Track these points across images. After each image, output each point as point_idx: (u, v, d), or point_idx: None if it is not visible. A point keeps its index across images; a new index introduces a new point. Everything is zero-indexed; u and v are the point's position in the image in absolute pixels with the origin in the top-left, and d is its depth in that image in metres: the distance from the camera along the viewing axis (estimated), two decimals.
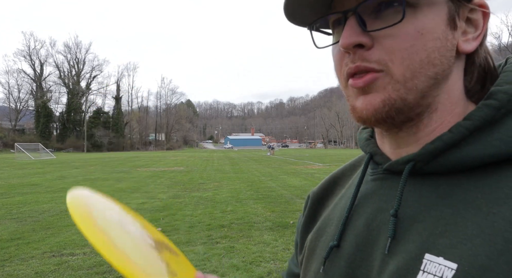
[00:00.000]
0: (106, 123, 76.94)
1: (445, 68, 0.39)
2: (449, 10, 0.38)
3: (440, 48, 0.38)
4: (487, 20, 0.40)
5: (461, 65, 0.41)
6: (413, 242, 0.37)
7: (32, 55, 72.01)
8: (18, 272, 3.96)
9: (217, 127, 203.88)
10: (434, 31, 0.38)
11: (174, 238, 5.21)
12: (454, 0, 0.39)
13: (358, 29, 0.38)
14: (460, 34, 0.39)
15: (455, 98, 0.41)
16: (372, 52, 0.39)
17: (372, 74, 0.39)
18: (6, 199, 8.96)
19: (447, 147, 0.38)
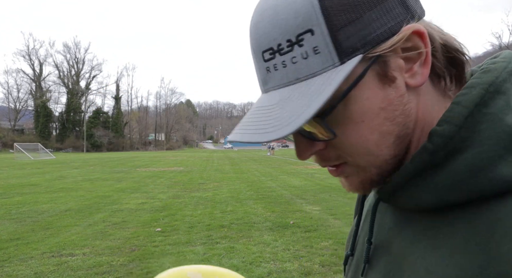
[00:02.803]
0: (106, 123, 76.88)
1: (406, 120, 0.36)
2: (376, 72, 0.35)
3: (388, 113, 0.35)
4: (426, 38, 0.35)
5: (425, 90, 0.38)
6: (379, 272, 0.39)
7: (31, 55, 71.99)
8: (17, 272, 3.94)
9: (217, 127, 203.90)
10: (372, 108, 0.35)
11: (174, 238, 5.20)
12: (378, 61, 0.34)
13: (307, 142, 0.38)
14: (403, 75, 0.35)
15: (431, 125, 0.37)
16: (328, 151, 0.39)
17: (340, 167, 0.40)
18: (5, 200, 8.94)
19: (396, 187, 0.38)
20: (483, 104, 0.33)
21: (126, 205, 7.98)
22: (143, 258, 4.36)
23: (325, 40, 0.33)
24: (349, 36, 0.33)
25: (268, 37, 0.36)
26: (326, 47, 0.33)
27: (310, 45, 0.34)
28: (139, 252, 4.57)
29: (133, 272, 3.90)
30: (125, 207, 7.79)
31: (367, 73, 0.34)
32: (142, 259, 4.32)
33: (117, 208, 7.68)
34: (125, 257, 4.40)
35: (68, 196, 9.39)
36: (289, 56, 0.35)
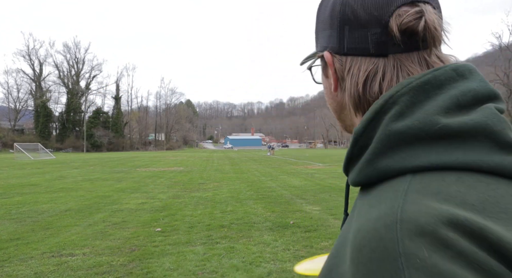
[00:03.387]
0: (106, 123, 76.87)
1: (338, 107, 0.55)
2: (322, 67, 0.56)
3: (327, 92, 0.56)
4: (332, 66, 0.51)
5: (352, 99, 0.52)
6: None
7: (31, 55, 71.99)
8: (17, 272, 3.94)
9: (217, 127, 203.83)
10: (323, 83, 0.57)
11: (174, 238, 5.20)
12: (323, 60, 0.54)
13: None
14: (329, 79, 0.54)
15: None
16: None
17: None
18: (5, 200, 8.94)
19: (344, 168, 0.50)
20: (383, 112, 0.42)
21: (126, 205, 7.98)
22: (143, 258, 4.36)
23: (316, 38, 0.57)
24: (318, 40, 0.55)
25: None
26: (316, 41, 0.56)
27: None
28: (139, 252, 4.57)
29: (133, 272, 3.90)
30: (125, 207, 7.79)
31: (317, 64, 0.56)
32: (142, 259, 4.33)
33: (117, 208, 7.68)
34: (125, 257, 4.40)
35: (68, 196, 9.39)
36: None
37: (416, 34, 0.44)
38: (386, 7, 0.45)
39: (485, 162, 0.38)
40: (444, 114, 0.40)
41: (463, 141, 0.39)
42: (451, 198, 0.35)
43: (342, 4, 0.48)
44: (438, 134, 0.39)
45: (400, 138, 0.41)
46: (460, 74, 0.43)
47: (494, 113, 0.40)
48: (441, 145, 0.39)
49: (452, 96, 0.41)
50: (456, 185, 0.36)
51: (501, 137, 0.38)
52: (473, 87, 0.42)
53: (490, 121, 0.39)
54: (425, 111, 0.40)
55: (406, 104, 0.41)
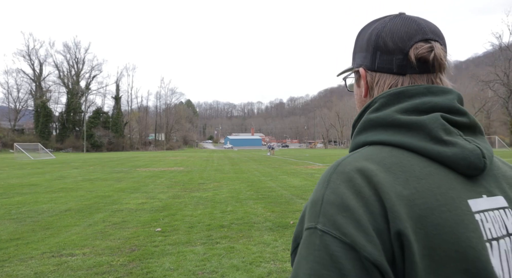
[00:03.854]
0: (106, 123, 76.86)
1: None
2: (356, 78, 0.75)
3: (358, 98, 0.74)
4: (364, 78, 0.69)
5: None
6: None
7: (31, 55, 72.00)
8: (17, 272, 3.94)
9: (217, 127, 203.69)
10: (355, 90, 0.75)
11: (174, 238, 5.20)
12: (357, 73, 0.73)
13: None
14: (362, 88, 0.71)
15: None
16: None
17: None
18: (5, 199, 8.94)
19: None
20: (368, 107, 0.65)
21: (126, 205, 7.98)
22: (143, 258, 4.36)
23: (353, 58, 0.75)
24: (355, 58, 0.73)
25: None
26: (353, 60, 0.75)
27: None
28: (139, 252, 4.57)
29: (133, 272, 3.90)
30: (125, 207, 7.79)
31: (352, 76, 0.76)
32: (142, 259, 4.33)
33: (117, 208, 7.68)
34: (125, 257, 4.40)
35: (68, 196, 9.39)
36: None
37: (428, 62, 0.62)
38: (408, 41, 0.63)
39: (414, 144, 0.57)
40: (401, 113, 0.60)
41: (405, 130, 0.58)
42: (373, 159, 0.56)
43: (377, 36, 0.66)
44: (391, 124, 0.60)
45: (370, 123, 0.62)
46: (431, 91, 0.61)
47: (435, 118, 0.57)
48: (391, 130, 0.59)
49: (414, 103, 0.60)
50: (384, 153, 0.57)
51: (432, 132, 0.56)
52: (435, 101, 0.60)
53: (428, 121, 0.57)
54: (390, 109, 0.61)
55: (381, 104, 0.62)
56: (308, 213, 0.54)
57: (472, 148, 0.56)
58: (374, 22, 0.69)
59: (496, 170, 0.61)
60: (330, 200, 0.52)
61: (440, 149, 0.56)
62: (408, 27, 0.64)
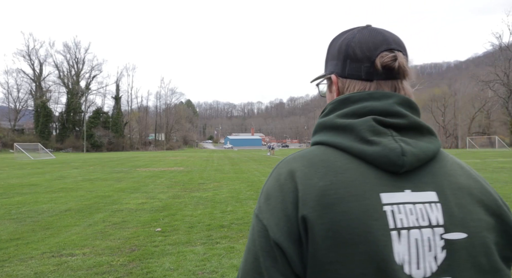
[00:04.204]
0: (106, 123, 76.85)
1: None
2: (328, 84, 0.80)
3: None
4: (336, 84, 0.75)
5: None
6: None
7: (32, 55, 71.98)
8: (17, 272, 3.94)
9: (217, 127, 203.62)
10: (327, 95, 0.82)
11: (174, 238, 5.20)
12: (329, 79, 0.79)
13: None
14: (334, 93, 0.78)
15: None
16: None
17: None
18: (5, 199, 8.94)
19: None
20: (321, 112, 0.75)
21: (126, 205, 7.98)
22: (143, 258, 4.36)
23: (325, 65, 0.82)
24: (326, 66, 0.80)
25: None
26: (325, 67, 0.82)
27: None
28: (139, 252, 4.56)
29: (133, 272, 3.90)
30: (125, 207, 7.79)
31: (324, 81, 0.82)
32: (142, 259, 4.32)
33: (117, 208, 7.68)
34: (125, 257, 4.40)
35: (68, 196, 9.39)
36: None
37: (392, 69, 0.69)
38: (374, 51, 0.70)
39: (344, 144, 0.65)
40: (341, 117, 0.68)
41: (340, 132, 0.67)
42: (306, 157, 0.67)
43: (347, 45, 0.73)
44: (330, 126, 0.69)
45: (318, 126, 0.72)
46: (373, 96, 0.68)
47: (365, 120, 0.65)
48: (331, 132, 0.68)
49: (354, 108, 0.68)
50: (318, 151, 0.67)
51: (359, 133, 0.64)
52: (372, 105, 0.67)
53: (357, 124, 0.65)
54: (333, 114, 0.70)
55: (329, 109, 0.72)
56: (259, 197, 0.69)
57: (393, 147, 0.62)
58: (344, 33, 0.77)
59: (439, 168, 0.66)
60: (264, 191, 0.67)
61: (364, 147, 0.63)
62: (374, 38, 0.71)
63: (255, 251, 0.61)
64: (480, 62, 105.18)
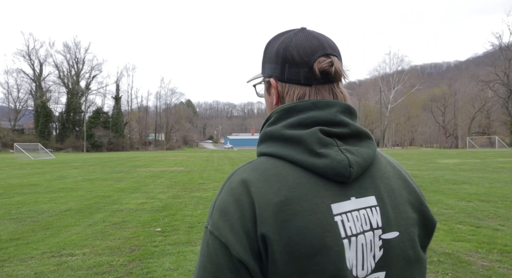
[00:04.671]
0: (106, 123, 76.83)
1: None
2: (266, 87, 0.81)
3: (268, 104, 0.81)
4: (275, 88, 0.76)
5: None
6: None
7: (32, 55, 71.92)
8: (17, 272, 3.94)
9: (217, 127, 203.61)
10: (265, 97, 0.83)
11: (174, 238, 5.20)
12: (267, 82, 0.80)
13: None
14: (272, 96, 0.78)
15: None
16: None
17: None
18: (5, 200, 8.94)
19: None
20: (266, 120, 0.75)
21: (126, 205, 7.98)
22: (143, 258, 4.36)
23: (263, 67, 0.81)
24: (264, 68, 0.80)
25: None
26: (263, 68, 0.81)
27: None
28: (139, 252, 4.56)
29: (133, 272, 3.90)
30: (125, 207, 7.79)
31: (262, 83, 0.83)
32: (142, 259, 4.32)
33: (117, 208, 7.68)
34: (125, 257, 4.40)
35: (68, 196, 9.39)
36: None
37: (329, 74, 0.71)
38: (311, 56, 0.71)
39: (294, 157, 0.66)
40: (288, 127, 0.68)
41: (290, 144, 0.67)
42: (258, 170, 0.66)
43: (285, 49, 0.73)
44: (278, 138, 0.69)
45: (265, 136, 0.72)
46: (317, 106, 0.69)
47: (312, 132, 0.66)
48: (279, 143, 0.68)
49: (299, 118, 0.68)
50: (268, 164, 0.67)
51: (308, 146, 0.65)
52: (317, 115, 0.68)
53: (306, 136, 0.66)
54: (280, 124, 0.70)
55: (275, 118, 0.71)
56: (209, 212, 0.67)
57: (341, 159, 0.65)
58: (281, 35, 0.78)
59: (376, 171, 0.71)
60: (218, 205, 0.65)
61: (314, 161, 0.65)
62: (311, 42, 0.73)
63: (213, 270, 0.61)
64: (480, 62, 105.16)
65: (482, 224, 5.74)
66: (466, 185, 10.39)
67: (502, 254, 4.31)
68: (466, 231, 5.31)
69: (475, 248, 4.52)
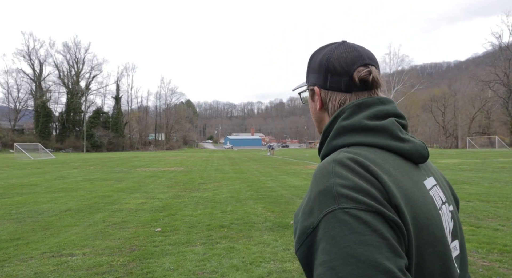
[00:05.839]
0: (106, 123, 76.82)
1: (318, 117, 0.88)
2: (310, 94, 0.90)
3: (312, 110, 0.90)
4: (319, 95, 0.84)
5: (327, 112, 0.85)
6: None
7: (32, 55, 71.93)
8: (17, 272, 3.94)
9: (217, 127, 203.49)
10: (309, 103, 0.92)
11: (174, 238, 5.20)
12: (311, 90, 0.89)
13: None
14: (316, 102, 0.87)
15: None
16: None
17: None
18: (5, 200, 8.94)
19: (319, 151, 0.84)
20: (338, 116, 0.79)
21: (126, 205, 7.98)
22: (143, 258, 4.36)
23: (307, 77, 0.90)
24: (308, 77, 0.90)
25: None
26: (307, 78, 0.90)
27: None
28: (139, 252, 4.56)
29: (133, 272, 3.90)
30: (125, 207, 7.79)
31: (307, 91, 0.92)
32: (142, 259, 4.32)
33: (117, 208, 7.68)
34: (125, 257, 4.40)
35: (68, 196, 9.39)
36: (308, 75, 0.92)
37: (368, 82, 0.79)
38: (351, 66, 0.80)
39: (382, 143, 0.73)
40: (366, 119, 0.75)
41: (374, 133, 0.74)
42: (360, 155, 0.69)
43: (327, 61, 0.82)
44: (361, 128, 0.75)
45: (344, 129, 0.77)
46: (382, 101, 0.78)
47: (392, 121, 0.75)
48: (363, 133, 0.75)
49: (373, 111, 0.76)
50: (364, 151, 0.71)
51: (393, 133, 0.74)
52: (387, 109, 0.77)
53: (388, 125, 0.74)
54: (357, 117, 0.76)
55: (349, 113, 0.77)
56: (319, 202, 0.63)
57: (419, 143, 0.77)
58: (323, 48, 0.86)
59: None
60: (344, 185, 0.63)
61: (400, 145, 0.73)
62: (351, 54, 0.81)
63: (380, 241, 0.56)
64: (480, 62, 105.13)
65: (482, 224, 5.74)
66: (466, 185, 10.39)
67: (502, 254, 4.31)
68: (466, 231, 5.31)
69: (475, 248, 4.52)
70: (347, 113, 0.77)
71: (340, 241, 0.56)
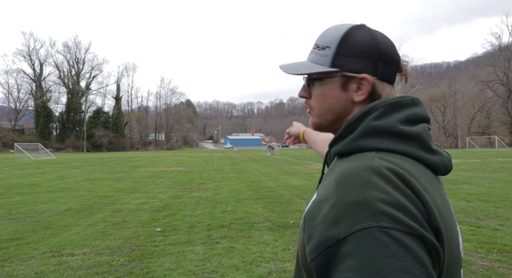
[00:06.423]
0: (106, 123, 76.83)
1: (343, 110, 0.74)
2: (342, 82, 0.72)
3: (337, 100, 0.74)
4: (370, 85, 0.70)
5: (363, 105, 0.73)
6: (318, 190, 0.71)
7: (32, 55, 71.96)
8: (17, 272, 3.94)
9: (217, 127, 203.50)
10: (331, 93, 0.74)
11: (174, 238, 5.20)
12: (345, 77, 0.72)
13: (304, 88, 0.80)
14: (354, 92, 0.72)
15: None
16: (310, 101, 0.79)
17: (310, 110, 0.80)
18: (5, 199, 8.94)
19: (333, 142, 0.73)
20: (368, 113, 0.68)
21: (126, 205, 7.98)
22: (143, 258, 4.36)
23: (329, 54, 0.73)
24: (341, 61, 0.72)
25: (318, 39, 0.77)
26: (326, 57, 0.73)
27: (324, 52, 0.74)
28: (139, 252, 4.57)
29: (133, 272, 3.90)
30: (125, 207, 7.79)
31: (334, 78, 0.73)
32: (142, 259, 4.33)
33: (117, 208, 7.68)
34: (125, 257, 4.40)
35: (68, 196, 9.39)
36: (316, 51, 0.76)
37: (407, 77, 0.75)
38: (397, 55, 0.73)
39: (414, 153, 0.66)
40: (400, 123, 0.67)
41: (406, 140, 0.66)
42: (397, 164, 0.62)
43: (378, 45, 0.71)
44: (394, 133, 0.66)
45: (374, 131, 0.67)
46: (414, 102, 0.70)
47: (425, 129, 0.68)
48: (395, 139, 0.66)
49: (407, 114, 0.68)
50: (398, 160, 0.63)
51: (425, 143, 0.67)
52: (418, 112, 0.70)
53: (422, 133, 0.67)
54: (390, 118, 0.67)
55: (381, 112, 0.68)
56: (350, 215, 0.55)
57: (447, 156, 0.71)
58: (359, 27, 0.74)
59: None
60: (384, 200, 0.55)
61: (431, 158, 0.68)
62: (389, 40, 0.74)
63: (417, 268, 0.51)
64: (480, 62, 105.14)
65: (482, 224, 5.75)
66: (466, 185, 10.39)
67: (502, 254, 4.31)
68: (466, 231, 5.31)
69: (474, 248, 4.53)
70: (379, 112, 0.67)
71: (376, 264, 0.50)
